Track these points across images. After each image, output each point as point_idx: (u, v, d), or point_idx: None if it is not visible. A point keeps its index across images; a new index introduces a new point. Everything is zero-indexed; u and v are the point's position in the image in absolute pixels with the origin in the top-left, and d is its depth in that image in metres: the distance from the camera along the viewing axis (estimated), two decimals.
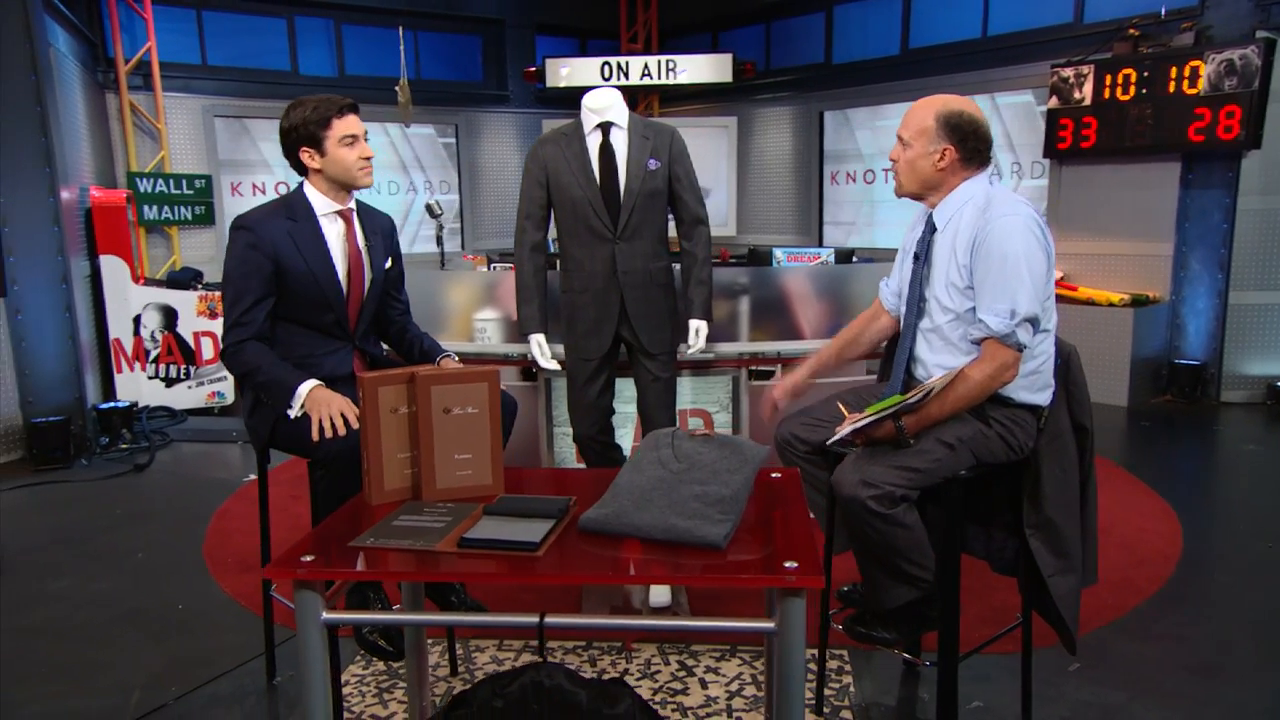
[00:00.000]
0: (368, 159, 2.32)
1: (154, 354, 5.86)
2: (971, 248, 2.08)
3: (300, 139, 2.28)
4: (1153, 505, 3.91)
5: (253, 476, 4.46)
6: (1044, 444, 2.14)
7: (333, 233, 2.35)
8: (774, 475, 1.92)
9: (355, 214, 2.40)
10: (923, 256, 2.22)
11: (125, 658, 2.78)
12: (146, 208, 6.75)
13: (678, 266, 3.03)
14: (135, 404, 5.47)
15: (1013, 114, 6.87)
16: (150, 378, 5.87)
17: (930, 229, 2.21)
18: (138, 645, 2.87)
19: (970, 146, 2.12)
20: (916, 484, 2.01)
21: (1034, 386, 2.10)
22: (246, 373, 2.24)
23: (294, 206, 2.32)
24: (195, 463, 5.04)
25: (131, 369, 5.85)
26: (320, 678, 1.52)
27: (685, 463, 1.72)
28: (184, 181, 6.99)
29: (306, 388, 2.17)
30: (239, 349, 2.24)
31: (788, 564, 1.44)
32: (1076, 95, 6.09)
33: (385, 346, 2.64)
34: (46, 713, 2.49)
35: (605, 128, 2.84)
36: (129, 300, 5.81)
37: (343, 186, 2.34)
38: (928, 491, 2.08)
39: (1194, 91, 5.56)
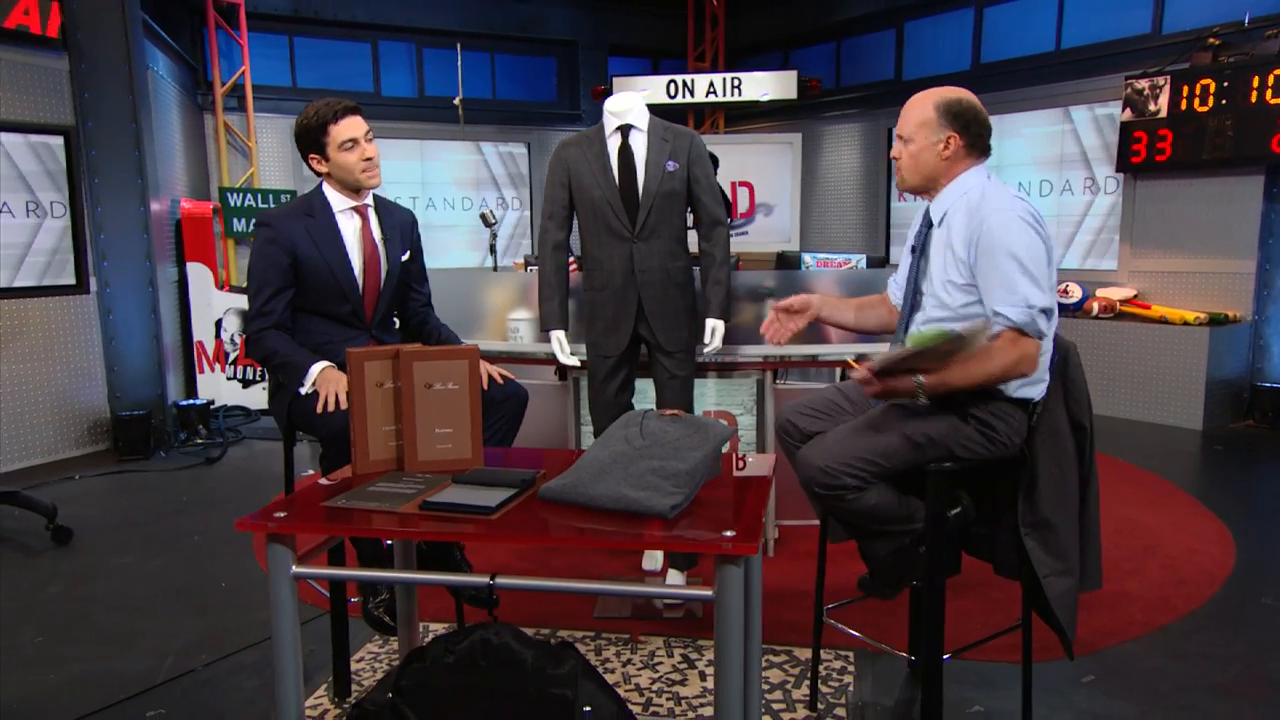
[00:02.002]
0: (369, 160, 2.43)
1: (232, 356, 6.21)
2: (969, 245, 2.05)
3: (306, 146, 2.43)
4: (1208, 527, 3.73)
5: (310, 471, 4.68)
6: (1040, 442, 2.10)
7: (349, 228, 2.49)
8: (749, 459, 1.95)
9: (372, 210, 2.54)
10: (919, 250, 2.21)
11: (166, 627, 2.97)
12: (235, 220, 7.17)
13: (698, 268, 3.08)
14: (212, 402, 5.80)
15: (1091, 128, 6.67)
16: (229, 378, 6.22)
17: (927, 223, 2.20)
18: (180, 617, 3.06)
19: (973, 133, 2.08)
20: (876, 475, 2.02)
21: (1026, 380, 2.06)
22: (266, 357, 2.38)
23: (312, 204, 2.47)
24: (262, 458, 5.30)
25: (212, 369, 6.21)
26: (289, 626, 1.61)
27: (649, 440, 1.76)
28: (270, 196, 7.39)
29: (318, 368, 2.31)
30: (260, 336, 2.39)
31: (726, 533, 1.47)
32: (1151, 107, 5.89)
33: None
34: (90, 670, 2.68)
35: (625, 130, 2.92)
36: (212, 305, 6.19)
37: (351, 187, 2.47)
38: (910, 481, 2.07)
39: (1278, 101, 5.31)
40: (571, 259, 3.13)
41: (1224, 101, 5.52)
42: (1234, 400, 5.70)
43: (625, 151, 2.91)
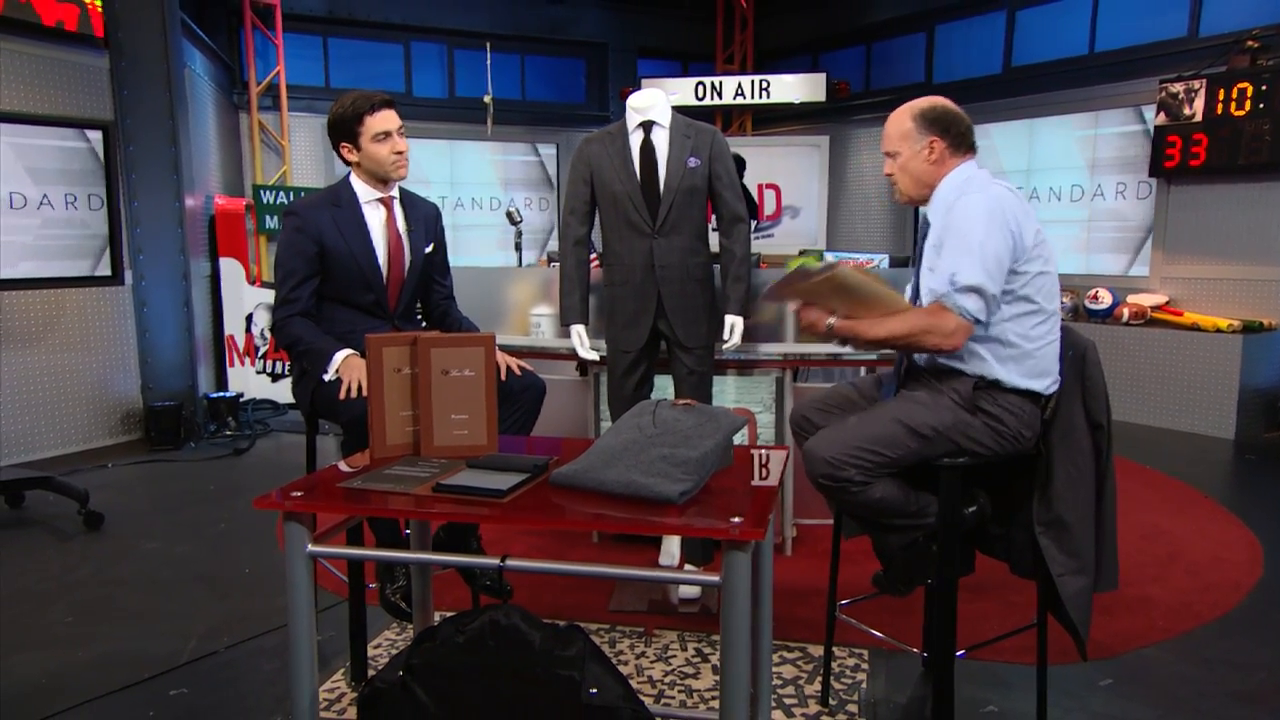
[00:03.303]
0: (400, 153, 2.48)
1: (262, 350, 6.30)
2: (943, 231, 2.10)
3: (339, 135, 2.47)
4: (1235, 535, 3.67)
5: (332, 463, 4.75)
6: (1056, 440, 2.09)
7: (375, 219, 2.53)
8: (764, 451, 1.95)
9: (398, 201, 2.58)
10: (917, 256, 2.24)
11: (191, 610, 3.03)
12: (267, 217, 7.26)
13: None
14: (241, 395, 5.90)
15: (1124, 132, 6.59)
16: (258, 372, 6.32)
17: (925, 225, 2.22)
18: (203, 601, 3.11)
19: (955, 133, 2.13)
20: (882, 466, 2.02)
21: (1029, 372, 2.05)
22: (290, 343, 2.43)
23: (339, 194, 2.52)
24: (289, 451, 5.38)
25: (242, 363, 6.31)
26: (304, 603, 1.65)
27: (661, 428, 1.78)
28: (302, 194, 7.50)
29: (342, 355, 2.35)
30: (286, 323, 2.44)
31: (735, 519, 1.48)
32: (1186, 111, 5.81)
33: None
34: (115, 650, 2.74)
35: (647, 126, 2.93)
36: (243, 300, 6.29)
37: (379, 179, 2.52)
38: (923, 477, 2.06)
39: None
40: (593, 255, 3.15)
41: (1261, 105, 5.43)
42: (1267, 409, 5.58)
43: (647, 147, 2.93)
